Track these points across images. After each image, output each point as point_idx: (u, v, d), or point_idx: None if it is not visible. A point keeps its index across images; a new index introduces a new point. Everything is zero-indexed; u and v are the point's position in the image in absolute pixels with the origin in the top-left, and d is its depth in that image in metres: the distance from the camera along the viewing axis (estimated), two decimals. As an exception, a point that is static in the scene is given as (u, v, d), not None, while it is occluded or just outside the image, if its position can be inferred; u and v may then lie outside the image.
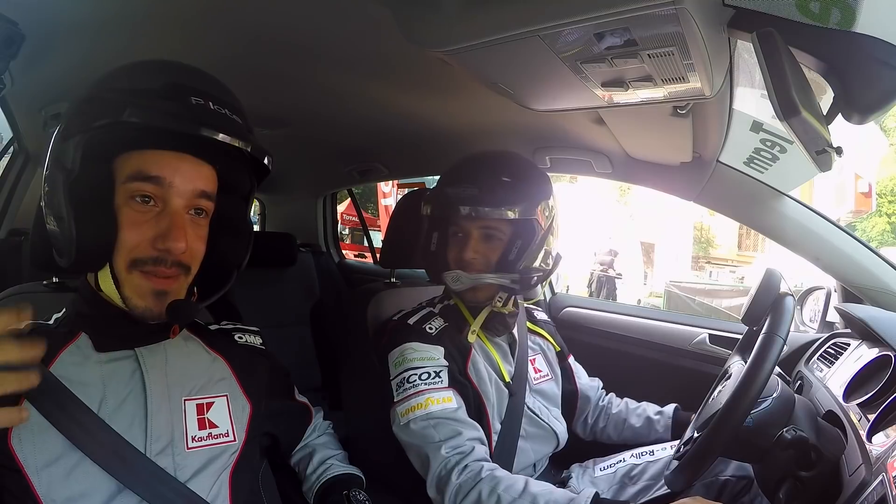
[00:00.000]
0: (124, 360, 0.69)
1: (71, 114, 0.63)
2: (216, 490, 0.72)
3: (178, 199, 0.64)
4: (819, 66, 0.57)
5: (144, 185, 0.63)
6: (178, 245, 0.63)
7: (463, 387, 1.00)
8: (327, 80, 1.14)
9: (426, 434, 0.90)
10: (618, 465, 1.11)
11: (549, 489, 0.83)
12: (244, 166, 0.72)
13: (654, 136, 1.08)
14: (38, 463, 0.60)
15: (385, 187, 7.57)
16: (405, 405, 0.93)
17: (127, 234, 0.63)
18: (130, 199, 0.63)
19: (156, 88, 0.61)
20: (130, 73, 0.65)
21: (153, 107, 0.59)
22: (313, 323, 2.14)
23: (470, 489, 0.83)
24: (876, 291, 1.11)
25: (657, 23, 0.58)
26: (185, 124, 0.60)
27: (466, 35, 0.71)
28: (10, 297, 0.82)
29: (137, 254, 0.63)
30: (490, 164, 1.02)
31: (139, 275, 0.64)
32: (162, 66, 0.66)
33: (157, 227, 0.63)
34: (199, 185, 0.66)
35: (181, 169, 0.64)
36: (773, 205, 1.13)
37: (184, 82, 0.64)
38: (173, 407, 0.70)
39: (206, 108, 0.62)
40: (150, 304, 0.64)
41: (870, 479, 0.66)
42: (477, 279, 0.99)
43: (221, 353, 0.80)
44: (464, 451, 0.88)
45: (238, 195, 0.74)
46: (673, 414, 1.20)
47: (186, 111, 0.61)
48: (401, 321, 1.07)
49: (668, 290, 9.70)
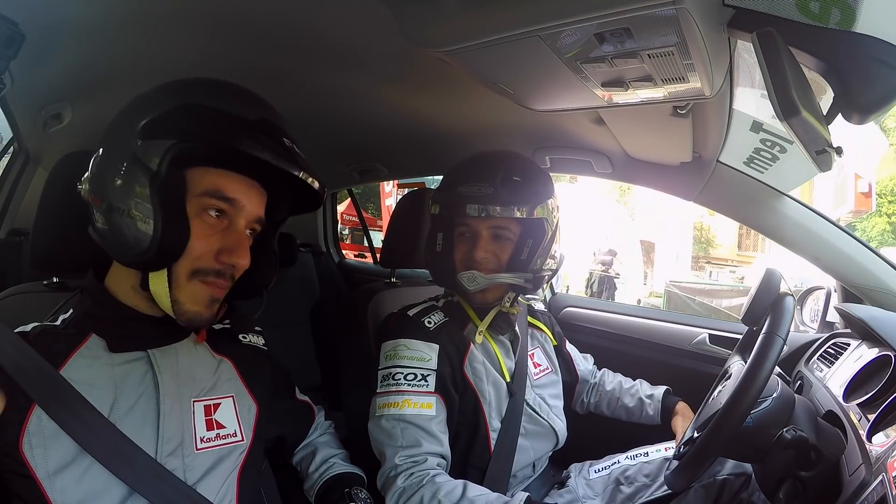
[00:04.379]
0: (136, 361, 0.69)
1: (155, 113, 0.63)
2: (224, 491, 0.72)
3: (243, 220, 0.70)
4: (819, 66, 0.57)
5: (221, 203, 0.68)
6: (244, 262, 0.69)
7: (450, 394, 1.00)
8: (327, 80, 1.15)
9: (392, 434, 0.93)
10: (612, 466, 1.12)
11: (485, 493, 0.87)
12: (290, 198, 0.78)
13: (654, 136, 1.08)
14: (50, 468, 0.60)
15: (387, 187, 7.58)
16: (384, 399, 0.95)
17: (196, 242, 0.66)
18: (203, 211, 0.67)
19: (255, 121, 0.66)
20: (228, 94, 0.68)
21: (258, 139, 0.63)
22: (313, 323, 2.15)
23: (412, 494, 0.87)
24: (876, 291, 1.11)
25: (657, 23, 0.58)
26: (282, 162, 0.64)
27: (466, 35, 0.71)
28: (9, 297, 0.82)
29: (201, 264, 0.67)
30: (499, 163, 1.02)
31: (200, 283, 0.67)
32: (257, 99, 0.70)
33: (224, 241, 0.68)
34: (260, 212, 0.73)
35: (251, 195, 0.71)
36: (773, 205, 1.13)
37: (276, 122, 0.69)
38: (183, 408, 0.71)
39: (293, 150, 0.68)
40: (202, 310, 0.68)
41: (870, 479, 0.66)
42: (492, 279, 0.99)
43: (227, 354, 0.81)
44: (416, 461, 0.91)
45: (273, 222, 0.79)
46: (662, 398, 1.23)
47: (282, 150, 0.65)
48: (401, 312, 1.07)
49: (668, 290, 9.71)
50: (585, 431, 1.26)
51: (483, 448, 1.02)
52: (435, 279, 1.10)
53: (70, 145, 0.59)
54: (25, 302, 0.83)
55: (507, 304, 1.06)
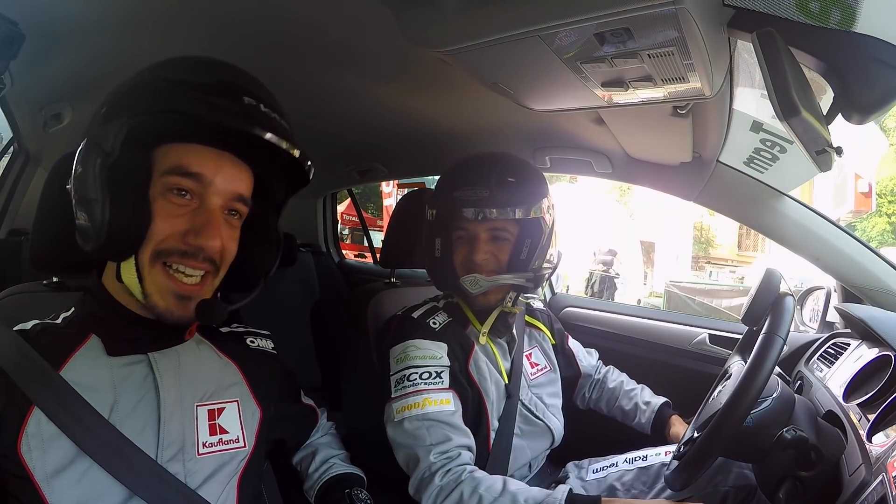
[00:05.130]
0: (137, 364, 0.68)
1: (116, 97, 0.62)
2: (224, 496, 0.71)
3: (215, 198, 0.64)
4: (819, 66, 0.57)
5: (184, 180, 0.62)
6: (213, 243, 0.63)
7: (463, 387, 1.00)
8: (327, 80, 1.15)
9: (419, 435, 0.91)
10: (609, 468, 1.10)
11: (525, 487, 0.86)
12: (281, 173, 0.72)
13: (653, 136, 1.08)
14: (48, 470, 0.59)
15: (387, 187, 7.57)
16: (402, 402, 0.94)
17: (159, 224, 0.62)
18: (168, 191, 0.62)
19: (210, 83, 0.61)
20: (184, 65, 0.64)
21: (207, 101, 0.58)
22: (313, 323, 2.14)
23: (451, 490, 0.86)
24: (876, 291, 1.11)
25: (657, 23, 0.58)
26: (237, 121, 0.59)
27: (466, 35, 0.71)
28: (9, 297, 0.82)
29: (164, 245, 0.62)
30: (493, 165, 1.01)
31: (161, 272, 0.63)
32: (217, 64, 0.65)
33: (192, 222, 0.63)
34: (239, 188, 0.66)
35: (223, 168, 0.64)
36: (773, 205, 1.13)
37: (237, 82, 0.63)
38: (185, 413, 0.69)
39: (258, 108, 0.61)
40: (171, 306, 0.64)
41: (870, 479, 0.66)
42: (494, 281, 0.99)
43: (233, 358, 0.79)
44: (450, 457, 0.90)
45: (271, 202, 0.74)
46: (657, 409, 1.21)
47: (239, 109, 0.60)
48: (405, 315, 1.07)
49: (668, 290, 9.70)
50: (584, 430, 1.26)
51: (483, 447, 1.02)
52: (436, 283, 1.10)
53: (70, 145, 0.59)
54: (25, 302, 0.83)
55: (508, 304, 1.06)
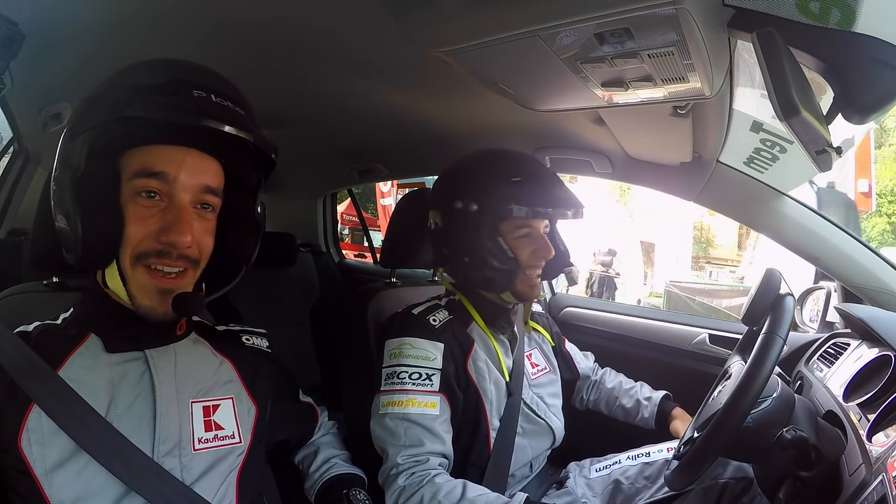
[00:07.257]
0: (134, 361, 0.69)
1: (77, 113, 0.63)
2: (223, 492, 0.72)
3: (183, 194, 0.64)
4: (819, 66, 0.57)
5: (149, 181, 0.63)
6: (184, 239, 0.63)
7: (455, 393, 1.00)
8: (327, 80, 1.14)
9: (396, 433, 0.93)
10: (613, 466, 1.11)
11: (484, 493, 0.88)
12: (251, 161, 0.72)
13: (653, 136, 1.08)
14: (48, 465, 0.61)
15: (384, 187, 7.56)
16: (387, 398, 0.95)
17: (132, 228, 0.63)
18: (136, 195, 0.63)
19: (159, 84, 0.62)
20: (135, 71, 0.66)
21: (155, 101, 0.59)
22: (313, 323, 2.15)
23: (412, 493, 0.87)
24: (876, 291, 1.11)
25: (657, 23, 0.58)
26: (186, 116, 0.59)
27: (466, 35, 0.71)
28: (9, 297, 0.82)
29: (142, 248, 0.63)
30: (533, 161, 1.09)
31: (144, 272, 0.64)
32: (166, 63, 0.66)
33: (163, 220, 0.63)
34: (205, 180, 0.66)
35: (186, 163, 0.64)
36: (773, 205, 1.13)
37: (186, 77, 0.64)
38: (181, 409, 0.71)
39: (209, 100, 0.62)
40: (155, 303, 0.65)
41: (870, 479, 0.66)
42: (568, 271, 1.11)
43: (228, 356, 0.80)
44: (419, 461, 0.91)
45: (245, 190, 0.74)
46: (659, 403, 1.22)
47: (189, 104, 0.60)
48: (406, 311, 1.07)
49: (668, 290, 9.70)
50: (584, 430, 1.26)
51: (483, 447, 1.02)
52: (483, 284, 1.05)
53: (70, 145, 0.60)
54: (25, 302, 0.83)
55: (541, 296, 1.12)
